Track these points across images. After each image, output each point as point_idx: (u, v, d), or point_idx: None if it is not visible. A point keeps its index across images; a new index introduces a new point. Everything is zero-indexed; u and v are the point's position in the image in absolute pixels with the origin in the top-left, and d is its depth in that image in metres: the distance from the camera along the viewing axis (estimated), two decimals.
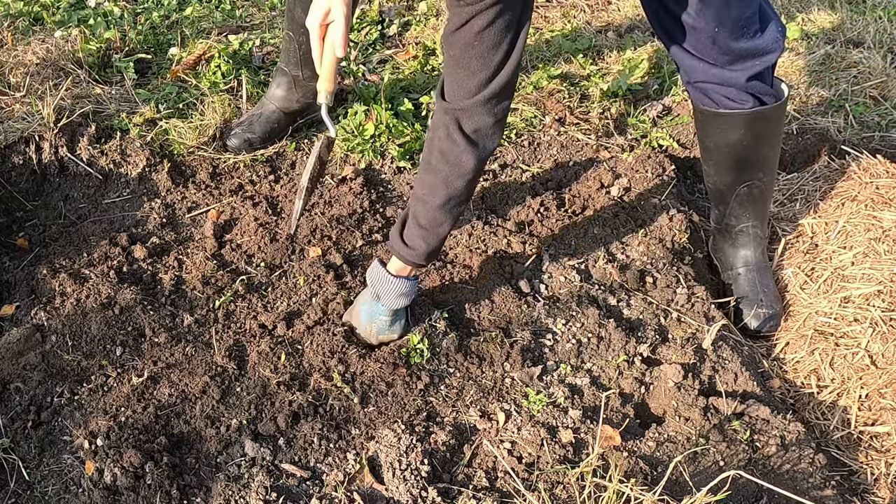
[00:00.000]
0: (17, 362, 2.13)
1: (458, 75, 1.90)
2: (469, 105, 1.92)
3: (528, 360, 2.24)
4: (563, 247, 2.57)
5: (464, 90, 1.91)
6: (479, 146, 1.99)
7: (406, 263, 2.15)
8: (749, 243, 2.56)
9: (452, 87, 1.93)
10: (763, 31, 2.13)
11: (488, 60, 1.86)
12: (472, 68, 1.87)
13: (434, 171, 2.03)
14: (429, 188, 2.05)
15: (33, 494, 1.92)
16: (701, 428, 2.08)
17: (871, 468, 2.15)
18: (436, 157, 2.02)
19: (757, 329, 2.49)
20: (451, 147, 1.98)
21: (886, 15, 3.67)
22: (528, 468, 1.97)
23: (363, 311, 2.24)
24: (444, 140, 1.98)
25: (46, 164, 2.71)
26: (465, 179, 2.03)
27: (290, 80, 2.88)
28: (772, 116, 2.30)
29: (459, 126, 1.95)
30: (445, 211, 2.07)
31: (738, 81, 2.20)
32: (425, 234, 2.10)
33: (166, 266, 2.47)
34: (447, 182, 2.02)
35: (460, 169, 2.00)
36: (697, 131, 2.45)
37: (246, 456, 1.98)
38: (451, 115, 1.95)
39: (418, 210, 2.09)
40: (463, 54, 1.86)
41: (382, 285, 2.17)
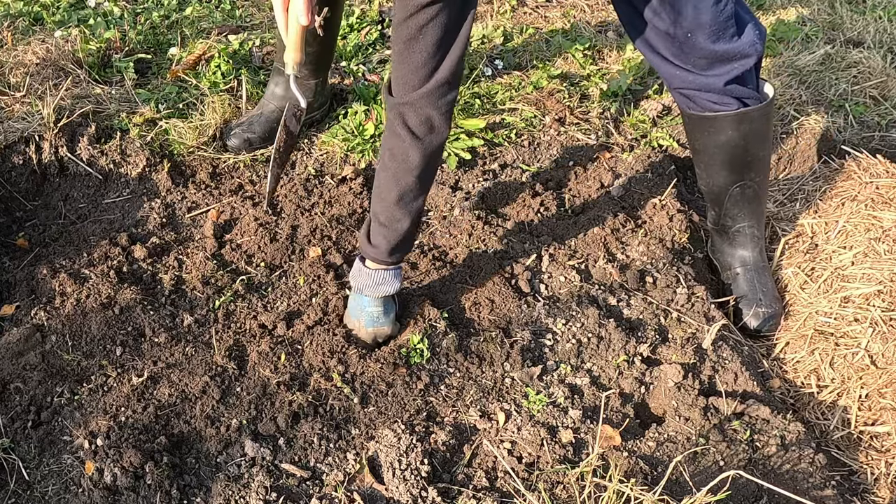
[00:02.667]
0: (17, 362, 2.13)
1: (402, 70, 1.90)
2: (413, 99, 1.91)
3: (528, 360, 2.24)
4: (563, 247, 2.57)
5: (408, 84, 1.90)
6: (423, 140, 1.98)
7: (374, 262, 2.18)
8: (746, 243, 2.56)
9: (398, 82, 1.93)
10: (740, 35, 2.13)
11: (432, 54, 1.86)
12: (415, 62, 1.87)
13: (385, 168, 2.05)
14: (383, 185, 2.07)
15: (33, 494, 1.92)
16: (701, 428, 2.08)
17: (871, 468, 2.15)
18: (386, 153, 2.03)
19: (757, 329, 2.49)
20: (398, 143, 1.98)
21: (886, 15, 3.67)
22: (528, 468, 1.97)
23: (351, 307, 2.27)
24: (391, 136, 1.99)
25: (46, 164, 2.71)
26: (414, 175, 2.03)
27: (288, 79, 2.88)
28: (758, 117, 2.30)
29: (404, 121, 1.95)
30: (401, 207, 2.08)
31: (717, 86, 2.20)
32: (386, 232, 2.12)
33: (166, 266, 2.47)
34: (397, 178, 2.04)
35: (407, 164, 2.01)
36: (686, 134, 2.46)
37: (246, 456, 1.98)
38: (395, 111, 1.95)
39: (377, 208, 2.11)
40: (407, 48, 1.85)
41: (362, 278, 2.20)
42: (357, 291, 2.24)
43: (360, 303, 2.24)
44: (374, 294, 2.21)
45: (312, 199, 2.71)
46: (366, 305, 2.23)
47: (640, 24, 2.16)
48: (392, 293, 2.23)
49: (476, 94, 3.17)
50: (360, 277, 2.21)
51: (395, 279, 2.22)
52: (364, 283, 2.21)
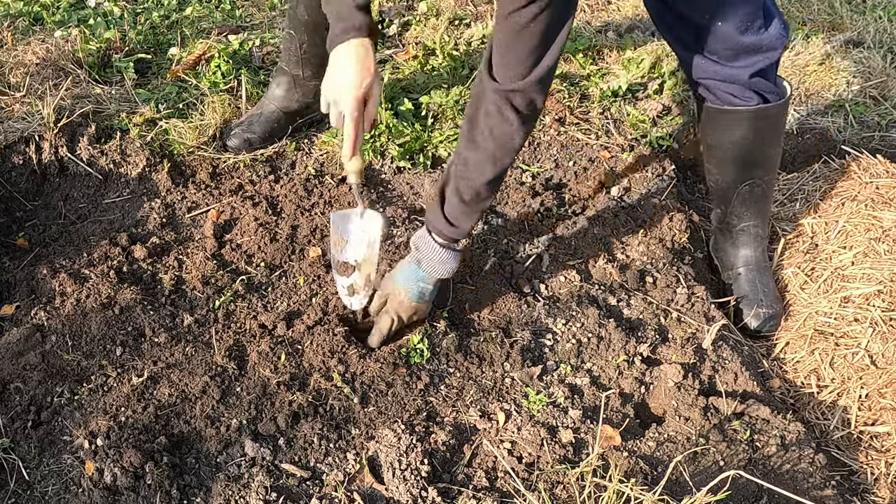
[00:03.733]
0: (17, 362, 2.13)
1: (509, 58, 1.92)
2: (522, 86, 1.95)
3: (528, 360, 2.24)
4: (563, 247, 2.57)
5: (515, 72, 1.93)
6: (528, 123, 2.04)
7: (450, 239, 2.19)
8: (750, 243, 2.56)
9: (504, 69, 1.95)
10: (767, 28, 2.14)
11: (539, 44, 1.89)
12: (523, 51, 1.90)
13: (481, 149, 2.06)
14: (475, 165, 2.08)
15: (33, 494, 1.91)
16: (701, 428, 2.08)
17: (871, 468, 2.15)
18: (483, 135, 2.04)
19: (757, 329, 2.49)
20: (503, 125, 2.01)
21: (886, 15, 3.67)
22: (528, 468, 1.97)
23: (400, 275, 2.24)
24: (496, 119, 2.00)
25: (46, 164, 2.71)
26: (513, 155, 2.08)
27: (290, 80, 2.88)
28: (775, 114, 2.31)
29: (513, 105, 1.98)
30: (490, 187, 2.11)
31: (742, 78, 2.21)
32: (470, 211, 2.14)
33: (166, 266, 2.46)
34: (495, 159, 2.06)
35: (510, 146, 2.05)
36: (701, 129, 2.45)
37: (246, 456, 1.98)
38: (502, 96, 1.97)
39: (462, 187, 2.11)
40: (516, 38, 1.88)
41: (430, 252, 2.20)
42: (415, 262, 2.22)
43: (416, 274, 2.22)
44: (434, 272, 2.21)
45: (312, 199, 2.71)
46: (421, 279, 2.22)
47: (667, 12, 2.17)
48: (450, 275, 2.24)
49: None
50: (428, 252, 2.20)
51: (456, 261, 2.23)
52: (430, 258, 2.20)
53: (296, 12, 2.74)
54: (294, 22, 2.76)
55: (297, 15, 2.73)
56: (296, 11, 2.73)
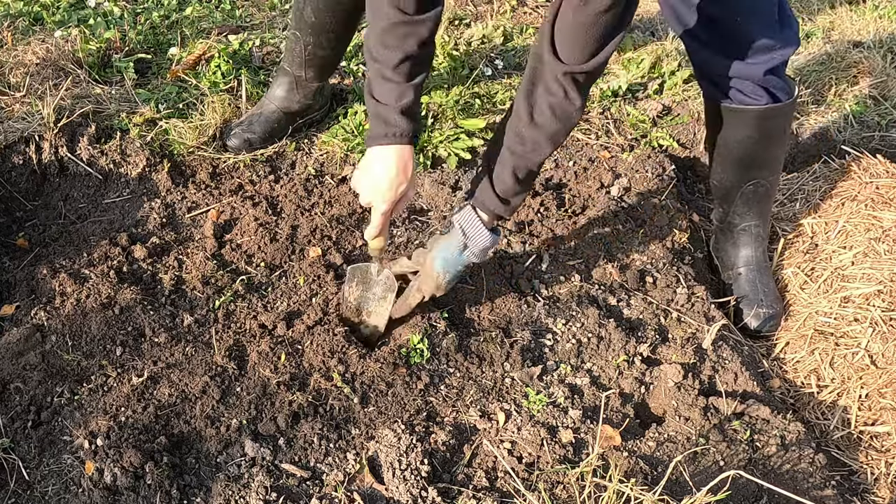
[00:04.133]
0: (17, 362, 2.13)
1: (579, 41, 1.90)
2: (590, 68, 1.94)
3: (528, 360, 2.24)
4: (563, 247, 2.57)
5: (584, 52, 1.92)
6: (585, 102, 2.04)
7: (496, 219, 2.17)
8: (750, 243, 2.56)
9: (571, 51, 1.92)
10: (782, 26, 2.14)
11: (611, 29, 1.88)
12: (597, 35, 1.88)
13: (540, 128, 2.03)
14: (532, 144, 2.06)
15: (33, 494, 1.91)
16: (701, 428, 2.08)
17: (871, 468, 2.15)
18: (544, 114, 2.01)
19: (757, 329, 2.49)
20: (566, 105, 1.99)
21: (886, 15, 3.67)
22: (528, 468, 1.97)
23: (440, 258, 2.19)
24: (560, 98, 1.98)
25: (46, 164, 2.71)
26: (568, 133, 2.08)
27: (292, 81, 2.88)
28: (782, 114, 2.32)
29: (577, 85, 1.97)
30: (541, 165, 2.12)
31: (756, 75, 2.21)
32: (521, 189, 2.13)
33: (166, 266, 2.46)
34: (554, 138, 2.05)
35: (569, 124, 2.04)
36: (707, 127, 2.45)
37: (246, 456, 1.98)
38: (569, 77, 1.96)
39: (519, 165, 2.09)
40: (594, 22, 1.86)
41: (477, 236, 2.16)
42: (460, 246, 2.18)
43: (459, 258, 2.19)
44: (476, 258, 2.19)
45: (312, 199, 2.71)
46: (461, 263, 2.19)
47: (683, 7, 2.17)
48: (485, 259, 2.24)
49: (476, 94, 3.17)
50: (478, 237, 2.16)
51: (495, 244, 2.22)
52: (478, 242, 2.16)
53: (302, 14, 2.72)
54: (300, 23, 2.75)
55: (304, 17, 2.72)
56: (302, 13, 2.72)
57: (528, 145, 2.06)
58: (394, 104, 1.95)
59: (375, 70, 1.97)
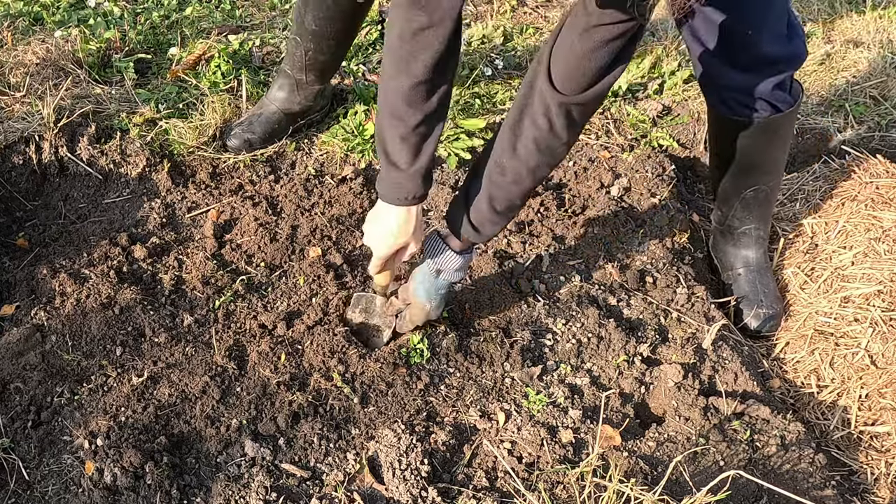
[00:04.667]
0: (17, 362, 2.13)
1: (581, 68, 1.82)
2: (585, 99, 1.86)
3: (528, 360, 2.24)
4: (563, 247, 2.57)
5: (582, 82, 1.83)
6: (574, 139, 1.96)
7: (472, 242, 2.13)
8: (751, 244, 2.56)
9: (569, 80, 1.84)
10: (791, 38, 2.13)
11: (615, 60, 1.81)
12: (597, 65, 1.81)
13: (521, 160, 1.95)
14: (513, 175, 1.98)
15: (33, 494, 1.91)
16: (701, 428, 2.08)
17: (871, 468, 2.15)
18: (527, 146, 1.93)
19: (757, 329, 2.49)
20: (551, 139, 1.91)
21: (886, 15, 3.67)
22: (528, 468, 1.97)
23: (422, 289, 2.19)
24: (544, 131, 1.90)
25: (46, 164, 2.71)
26: (552, 167, 2.00)
27: (293, 83, 2.88)
28: (785, 122, 2.31)
29: (570, 117, 1.89)
30: (525, 196, 2.05)
31: (764, 90, 2.19)
32: (498, 219, 2.06)
33: (166, 266, 2.46)
34: (536, 171, 1.97)
35: (552, 159, 1.96)
36: (709, 134, 2.44)
37: (246, 456, 1.98)
38: (563, 108, 1.87)
39: (497, 196, 2.02)
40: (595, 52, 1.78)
41: (446, 261, 2.14)
42: (434, 273, 2.16)
43: (436, 284, 2.17)
44: (453, 279, 2.17)
45: (312, 199, 2.71)
46: (441, 287, 2.18)
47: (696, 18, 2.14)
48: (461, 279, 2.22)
49: (476, 94, 3.17)
50: (450, 262, 2.14)
51: (470, 262, 2.20)
52: (450, 266, 2.14)
53: (303, 21, 2.71)
54: (300, 29, 2.74)
55: (305, 24, 2.71)
56: (303, 20, 2.71)
57: (509, 176, 1.99)
58: (408, 168, 1.92)
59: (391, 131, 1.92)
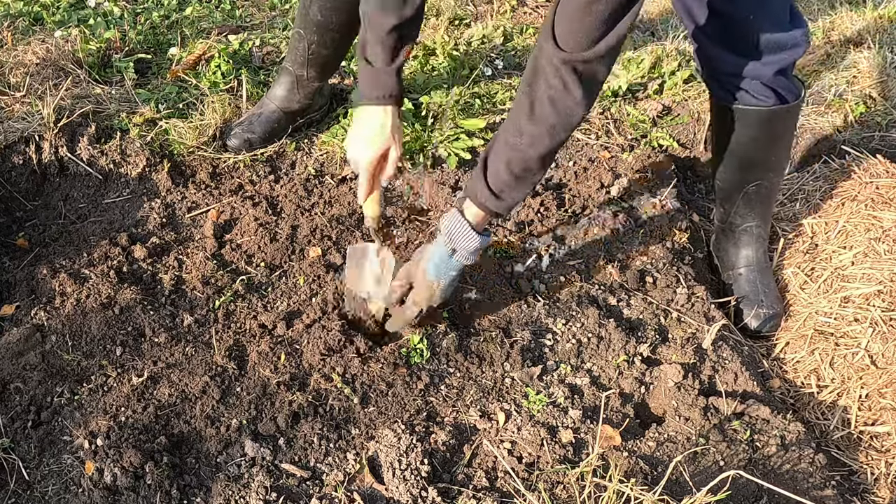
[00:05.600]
0: (17, 362, 2.13)
1: (580, 26, 1.82)
2: (590, 56, 1.85)
3: (528, 360, 2.24)
4: (563, 247, 2.57)
5: (584, 41, 1.84)
6: (589, 98, 1.95)
7: (488, 214, 2.09)
8: (751, 243, 2.56)
9: (571, 37, 1.84)
10: (793, 25, 2.14)
11: (609, 18, 1.81)
12: (593, 23, 1.80)
13: (539, 121, 1.96)
14: (530, 137, 1.97)
15: (33, 494, 1.91)
16: (701, 428, 2.08)
17: (871, 468, 2.15)
18: (543, 106, 1.93)
19: (757, 329, 2.49)
20: (565, 97, 1.91)
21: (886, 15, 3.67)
22: (528, 468, 1.97)
23: (432, 266, 2.14)
24: (559, 90, 1.91)
25: (46, 164, 2.71)
26: (570, 130, 1.99)
27: (293, 80, 2.88)
28: (788, 115, 2.31)
29: (577, 76, 1.88)
30: (543, 161, 2.02)
31: (766, 75, 2.20)
32: (518, 184, 2.04)
33: (166, 266, 2.46)
34: (553, 132, 1.96)
35: (570, 119, 1.95)
36: (713, 127, 2.44)
37: (246, 456, 1.98)
38: (569, 65, 1.87)
39: (513, 158, 2.01)
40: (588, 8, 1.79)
41: (464, 240, 2.10)
42: (448, 250, 2.12)
43: (450, 263, 2.13)
44: (466, 261, 2.13)
45: (312, 199, 2.71)
46: (453, 268, 2.14)
47: (695, 3, 2.15)
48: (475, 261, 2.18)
49: (476, 94, 3.17)
50: (463, 239, 2.10)
51: (484, 245, 2.15)
52: (464, 245, 2.10)
53: (308, 12, 2.71)
54: (305, 21, 2.74)
55: (310, 15, 2.71)
56: (308, 11, 2.71)
57: (526, 138, 1.98)
58: (384, 67, 2.00)
59: (372, 33, 2.01)
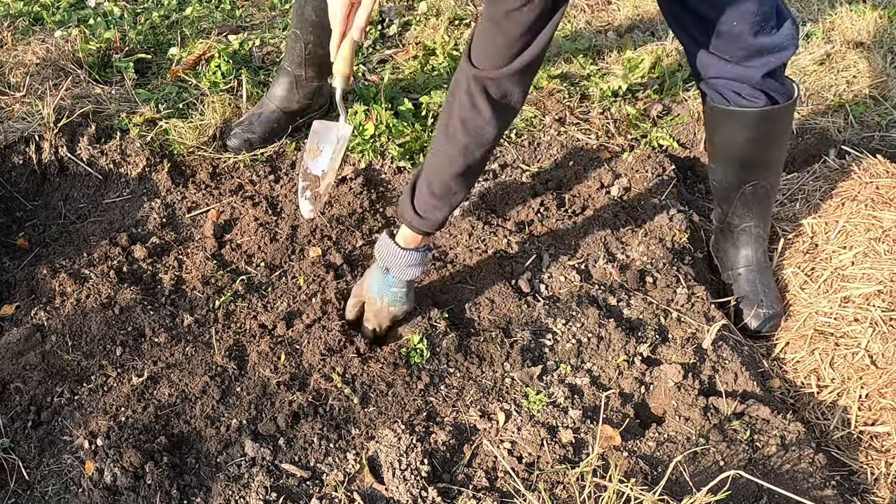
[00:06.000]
0: (17, 362, 2.13)
1: (496, 42, 1.84)
2: (499, 75, 1.87)
3: (528, 360, 2.24)
4: (563, 247, 2.57)
5: (498, 58, 1.86)
6: (502, 118, 1.96)
7: (416, 233, 2.12)
8: (750, 243, 2.55)
9: (485, 53, 1.87)
10: (779, 28, 2.14)
11: (523, 34, 1.82)
12: (511, 36, 1.82)
13: (453, 140, 1.99)
14: (445, 157, 2.01)
15: (33, 494, 1.92)
16: (701, 428, 2.08)
17: (871, 468, 2.15)
18: (456, 125, 1.97)
19: (757, 329, 2.49)
20: (475, 116, 1.94)
21: (886, 15, 3.67)
22: (528, 468, 1.97)
23: (373, 285, 2.21)
24: (468, 109, 1.94)
25: (46, 164, 2.71)
26: (484, 150, 2.00)
27: (291, 80, 2.88)
28: (782, 116, 2.31)
29: (487, 94, 1.90)
30: (462, 180, 2.04)
31: (754, 78, 2.20)
32: (438, 204, 2.07)
33: (166, 266, 2.47)
34: (466, 152, 1.99)
35: (481, 139, 1.97)
36: (707, 129, 2.44)
37: (246, 456, 1.98)
38: (479, 83, 1.90)
39: (433, 179, 2.05)
40: (507, 21, 1.81)
41: (392, 258, 2.15)
42: (383, 270, 2.18)
43: (386, 281, 2.19)
44: (402, 276, 2.17)
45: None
46: (391, 285, 2.19)
47: (681, 10, 2.15)
48: (418, 276, 2.21)
49: None
50: (391, 257, 2.15)
51: (422, 261, 2.18)
52: (394, 262, 2.15)
53: (303, 12, 2.72)
54: (300, 22, 2.75)
55: (305, 15, 2.72)
56: (303, 11, 2.72)
57: (443, 157, 2.01)
58: None
59: None
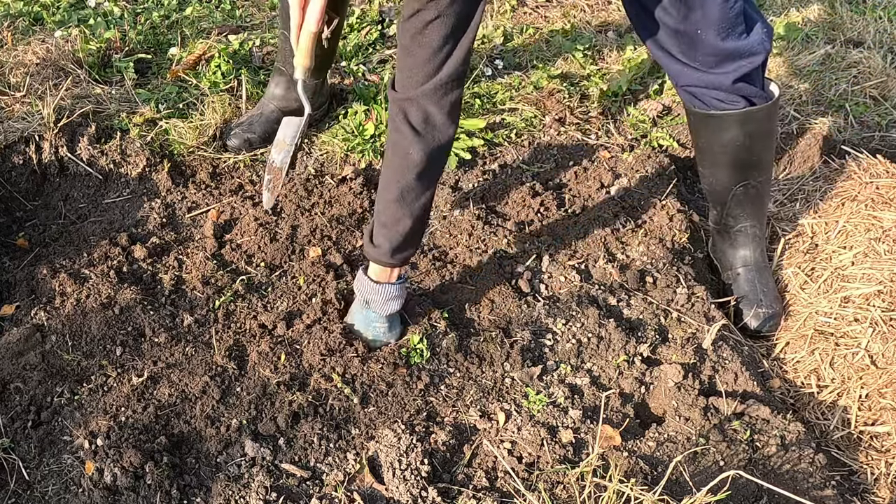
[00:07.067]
0: (17, 362, 2.13)
1: (407, 65, 1.87)
2: (416, 95, 1.88)
3: (528, 360, 2.24)
4: (563, 247, 2.57)
5: (412, 80, 1.87)
6: (426, 137, 1.94)
7: (376, 263, 2.14)
8: (748, 243, 2.56)
9: (402, 77, 1.90)
10: (748, 33, 2.13)
11: (436, 51, 1.83)
12: (419, 59, 1.84)
13: (388, 165, 2.01)
14: (384, 183, 2.03)
15: (33, 494, 1.92)
16: (701, 428, 2.08)
17: (871, 468, 2.15)
18: (389, 150, 1.99)
19: (757, 329, 2.49)
20: (399, 139, 1.95)
21: (886, 15, 3.67)
22: (528, 468, 1.97)
23: (357, 320, 2.25)
24: (393, 132, 1.96)
25: (46, 164, 2.71)
26: (415, 172, 1.98)
27: (287, 80, 2.88)
28: (763, 117, 2.30)
29: (406, 116, 1.92)
30: (401, 205, 2.03)
31: (725, 84, 2.20)
32: (387, 232, 2.07)
33: (166, 266, 2.47)
34: (399, 175, 1.99)
35: (408, 161, 1.96)
36: (691, 133, 2.45)
37: (246, 456, 1.98)
38: (398, 106, 1.92)
39: (379, 207, 2.07)
40: (411, 44, 1.83)
41: (369, 292, 2.17)
42: (364, 304, 2.21)
43: (368, 317, 2.21)
44: (382, 311, 2.18)
45: (312, 199, 2.71)
46: (373, 320, 2.21)
47: (648, 20, 2.15)
48: (398, 309, 2.21)
49: (476, 94, 3.17)
50: (367, 291, 2.17)
51: (400, 294, 2.18)
52: (372, 297, 2.17)
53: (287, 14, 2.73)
54: (285, 22, 2.75)
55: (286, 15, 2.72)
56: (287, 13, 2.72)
57: (383, 184, 2.03)
58: None
59: None
